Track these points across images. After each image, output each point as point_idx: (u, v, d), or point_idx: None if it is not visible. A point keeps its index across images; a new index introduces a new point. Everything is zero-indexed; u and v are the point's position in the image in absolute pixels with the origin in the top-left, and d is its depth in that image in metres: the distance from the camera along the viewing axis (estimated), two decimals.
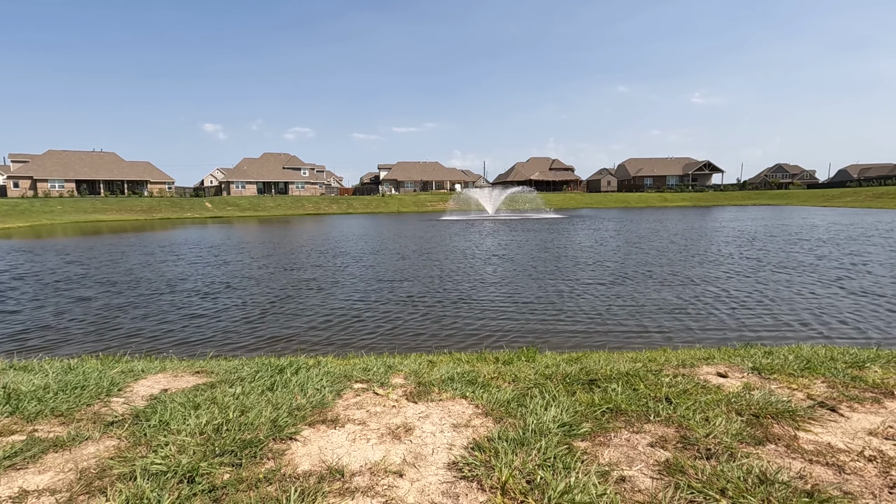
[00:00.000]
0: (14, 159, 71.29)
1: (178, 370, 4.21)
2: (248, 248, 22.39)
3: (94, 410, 3.09)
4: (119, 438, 2.64)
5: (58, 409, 3.06)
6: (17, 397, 3.23)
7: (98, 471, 2.28)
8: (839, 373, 3.65)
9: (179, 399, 3.13)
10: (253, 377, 3.72)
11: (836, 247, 18.73)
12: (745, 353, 4.55)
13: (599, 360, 4.30)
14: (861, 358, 4.14)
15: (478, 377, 3.71)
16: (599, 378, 3.60)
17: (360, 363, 4.46)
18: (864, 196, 68.03)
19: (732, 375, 3.76)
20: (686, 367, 4.01)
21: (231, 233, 33.83)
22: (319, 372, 3.88)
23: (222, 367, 4.21)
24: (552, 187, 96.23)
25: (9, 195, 64.62)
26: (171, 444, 2.47)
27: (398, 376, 3.85)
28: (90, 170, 70.96)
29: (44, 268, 16.52)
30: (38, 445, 2.54)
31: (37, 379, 3.77)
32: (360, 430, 2.73)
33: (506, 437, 2.49)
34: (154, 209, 62.47)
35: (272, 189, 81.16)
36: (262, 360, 4.46)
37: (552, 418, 2.73)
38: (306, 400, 3.14)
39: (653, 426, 2.72)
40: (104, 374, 3.75)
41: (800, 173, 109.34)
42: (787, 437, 2.58)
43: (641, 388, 3.34)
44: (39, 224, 47.73)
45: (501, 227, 34.98)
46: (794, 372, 3.72)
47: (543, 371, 3.88)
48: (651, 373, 3.74)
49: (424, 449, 2.47)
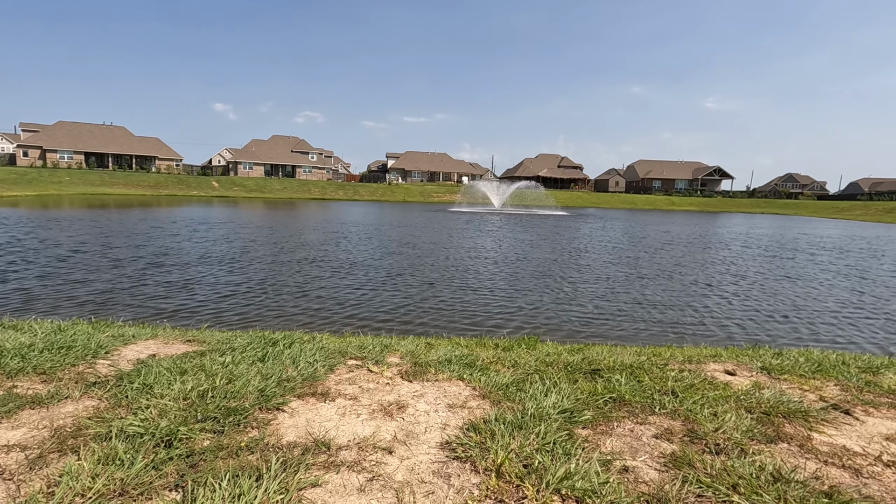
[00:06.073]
0: (25, 128, 71.42)
1: (169, 338, 4.10)
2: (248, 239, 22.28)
3: (79, 371, 2.98)
4: (99, 399, 2.53)
5: (40, 367, 2.95)
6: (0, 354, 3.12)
7: (73, 430, 2.16)
8: (852, 377, 3.50)
9: (166, 364, 3.02)
10: (244, 348, 3.60)
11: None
12: (753, 353, 4.40)
13: (602, 352, 4.17)
14: (875, 364, 3.99)
15: (476, 360, 3.59)
16: (602, 368, 3.46)
17: (355, 341, 4.34)
18: (875, 210, 67.33)
19: (741, 374, 3.62)
20: (693, 363, 3.87)
21: (235, 214, 33.73)
22: (314, 347, 3.76)
23: (215, 338, 4.10)
24: (560, 184, 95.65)
25: (18, 164, 64.72)
26: (152, 407, 2.36)
27: (394, 355, 3.73)
28: (99, 143, 70.92)
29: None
30: (14, 401, 2.43)
31: (24, 338, 3.66)
32: (350, 404, 2.61)
33: (503, 419, 2.36)
34: (161, 185, 62.48)
35: (279, 172, 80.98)
36: (256, 333, 4.34)
37: (552, 404, 2.60)
38: (297, 372, 3.02)
39: (658, 418, 2.58)
40: (93, 337, 3.65)
41: (810, 184, 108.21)
42: (800, 437, 2.44)
43: (646, 381, 3.20)
44: (46, 194, 47.82)
45: (504, 223, 34.82)
46: (805, 374, 3.58)
47: (544, 359, 3.75)
48: (656, 366, 3.60)
49: (417, 427, 2.35)
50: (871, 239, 30.11)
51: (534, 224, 32.75)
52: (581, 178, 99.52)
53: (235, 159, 79.64)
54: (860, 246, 24.16)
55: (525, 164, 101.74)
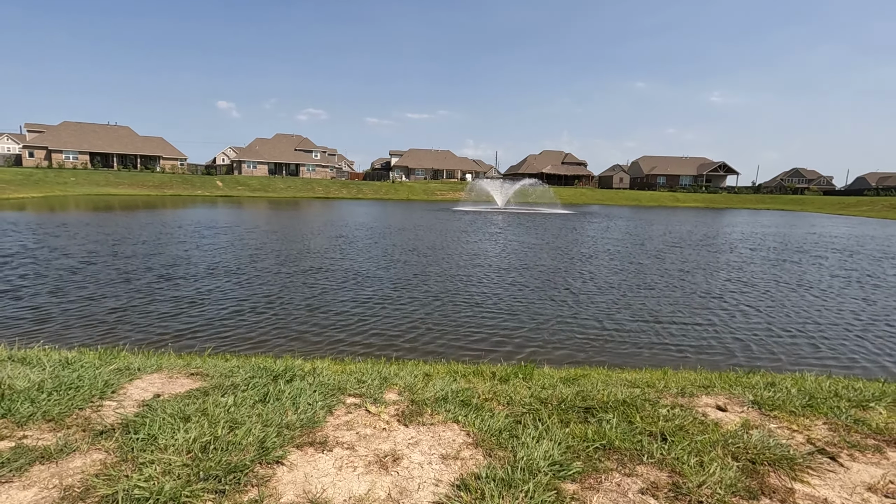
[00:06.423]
0: (30, 129, 71.98)
1: (173, 370, 4.20)
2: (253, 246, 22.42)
3: (86, 416, 3.09)
4: (106, 452, 2.63)
5: (49, 413, 3.06)
6: (10, 397, 3.24)
7: (82, 489, 2.27)
8: (842, 413, 3.57)
9: (170, 409, 3.12)
10: (247, 385, 3.70)
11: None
12: (746, 381, 4.47)
13: (597, 383, 4.24)
14: (866, 395, 4.04)
15: (472, 397, 3.67)
16: (595, 406, 3.54)
17: (355, 371, 4.44)
18: (881, 206, 66.83)
19: (732, 409, 3.69)
20: (685, 397, 3.94)
21: (240, 216, 33.91)
22: (314, 382, 3.85)
23: (218, 370, 4.20)
24: (563, 181, 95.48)
25: (24, 164, 65.29)
26: (156, 462, 2.46)
27: (392, 391, 3.82)
28: (104, 143, 71.41)
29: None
30: (25, 456, 2.53)
31: (33, 374, 3.78)
32: (347, 455, 2.71)
33: (493, 476, 2.45)
34: (165, 185, 62.88)
35: (283, 170, 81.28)
36: (258, 363, 4.45)
37: (543, 454, 2.68)
38: (297, 416, 3.12)
39: (645, 468, 2.66)
40: (99, 375, 3.75)
41: (816, 178, 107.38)
42: (782, 489, 2.51)
43: (637, 421, 3.28)
44: (52, 195, 48.25)
45: (508, 224, 34.85)
46: (796, 409, 3.64)
47: (539, 394, 3.83)
48: (649, 402, 3.68)
49: (411, 483, 2.44)
50: (879, 239, 29.98)
51: (537, 225, 32.80)
52: (585, 174, 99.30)
53: (239, 158, 79.96)
54: (868, 248, 24.05)
55: (529, 160, 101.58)
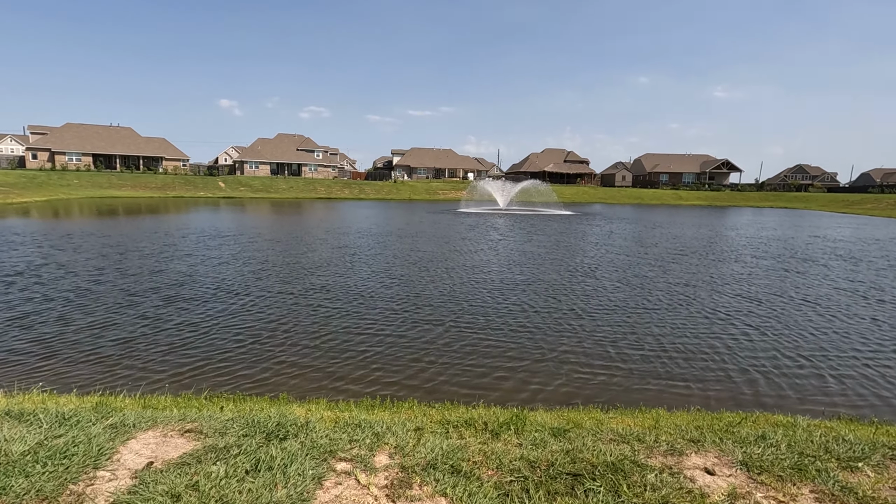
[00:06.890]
0: (33, 131, 72.32)
1: (168, 425, 4.26)
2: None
3: (79, 492, 3.14)
4: None
5: (44, 490, 3.11)
6: (6, 469, 3.29)
7: None
8: (829, 479, 3.59)
9: (161, 486, 3.17)
10: (239, 448, 3.76)
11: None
12: (737, 433, 4.50)
13: (587, 438, 4.28)
14: (856, 452, 4.07)
15: (462, 461, 3.71)
16: (584, 472, 3.58)
17: (349, 422, 4.49)
18: (886, 204, 66.51)
19: (720, 472, 3.72)
20: (674, 455, 3.97)
21: (242, 220, 34.00)
22: (306, 441, 3.91)
23: (212, 426, 4.25)
24: (566, 180, 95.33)
25: (28, 166, 65.64)
26: None
27: (383, 452, 3.87)
28: (107, 144, 71.69)
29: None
30: None
31: (30, 435, 3.85)
32: None
33: None
34: (168, 186, 63.11)
35: (285, 170, 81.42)
36: (251, 417, 4.50)
37: None
38: (286, 492, 3.16)
39: None
40: (94, 439, 3.81)
41: (821, 175, 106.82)
42: None
43: (624, 491, 3.31)
44: (56, 199, 48.49)
45: (509, 230, 34.88)
46: (783, 473, 3.67)
47: (529, 455, 3.87)
48: (637, 466, 3.71)
49: None
50: (885, 241, 29.86)
51: (539, 230, 32.79)
52: (587, 172, 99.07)
53: (242, 158, 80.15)
54: (874, 253, 23.92)
55: (531, 159, 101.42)
